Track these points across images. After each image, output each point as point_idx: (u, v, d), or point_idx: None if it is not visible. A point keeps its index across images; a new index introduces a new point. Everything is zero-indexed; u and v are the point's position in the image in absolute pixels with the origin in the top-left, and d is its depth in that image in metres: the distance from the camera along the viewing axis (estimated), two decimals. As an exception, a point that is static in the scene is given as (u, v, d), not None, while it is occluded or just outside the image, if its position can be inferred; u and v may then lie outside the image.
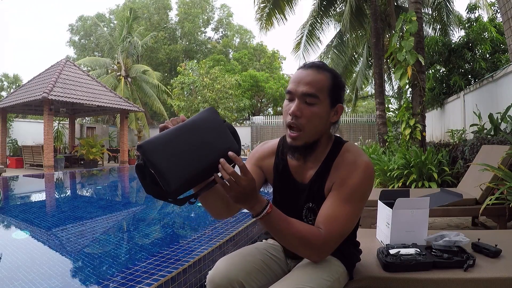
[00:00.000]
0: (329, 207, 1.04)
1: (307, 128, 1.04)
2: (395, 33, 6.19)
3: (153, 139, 0.90)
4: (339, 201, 1.03)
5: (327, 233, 1.00)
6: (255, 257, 1.15)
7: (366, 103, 31.16)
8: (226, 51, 31.12)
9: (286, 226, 0.98)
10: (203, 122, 0.94)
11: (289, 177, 1.19)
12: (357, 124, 18.97)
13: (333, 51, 12.03)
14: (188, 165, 0.88)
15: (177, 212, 4.09)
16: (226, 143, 0.93)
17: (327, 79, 1.05)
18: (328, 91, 1.05)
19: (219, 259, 1.14)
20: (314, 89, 1.03)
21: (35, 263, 2.07)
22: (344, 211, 1.02)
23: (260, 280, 1.11)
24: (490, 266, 1.33)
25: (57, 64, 13.18)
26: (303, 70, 1.07)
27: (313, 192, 1.13)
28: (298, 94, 1.04)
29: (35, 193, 5.99)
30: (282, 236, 1.00)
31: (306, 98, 1.03)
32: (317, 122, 1.05)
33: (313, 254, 1.03)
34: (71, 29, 30.63)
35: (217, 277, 1.05)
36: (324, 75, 1.05)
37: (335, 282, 1.09)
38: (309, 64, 1.08)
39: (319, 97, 1.03)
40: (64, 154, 13.33)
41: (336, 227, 1.01)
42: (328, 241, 1.00)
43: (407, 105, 5.85)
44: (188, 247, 1.94)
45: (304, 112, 1.03)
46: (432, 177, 4.63)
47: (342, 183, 1.05)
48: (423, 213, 1.57)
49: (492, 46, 8.39)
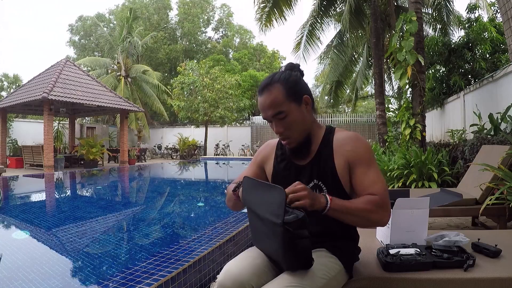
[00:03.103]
0: (364, 177, 1.17)
1: (293, 134, 1.20)
2: (395, 33, 6.19)
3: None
4: (365, 169, 1.17)
5: (379, 192, 1.13)
6: (263, 259, 1.15)
7: (366, 103, 31.15)
8: (226, 51, 31.13)
9: (350, 204, 1.09)
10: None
11: (290, 162, 1.28)
12: (357, 124, 18.98)
13: (333, 51, 12.02)
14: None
15: (177, 212, 4.09)
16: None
17: (280, 91, 1.16)
18: (286, 98, 1.16)
19: (228, 263, 1.13)
20: (276, 108, 1.16)
21: (35, 263, 2.07)
22: (374, 172, 1.17)
23: (268, 281, 1.10)
24: (490, 266, 1.33)
25: (57, 64, 13.18)
26: (260, 97, 1.20)
27: (317, 170, 1.22)
28: (269, 119, 1.19)
29: (35, 193, 5.99)
30: (352, 214, 1.08)
31: (277, 117, 1.17)
32: (296, 125, 1.19)
33: (384, 215, 1.12)
34: (71, 29, 30.64)
35: (229, 281, 1.05)
36: (276, 89, 1.16)
37: (332, 280, 1.09)
38: (261, 88, 1.20)
39: (284, 109, 1.16)
40: (64, 154, 13.32)
41: (380, 185, 1.15)
42: (384, 198, 1.13)
43: (407, 105, 5.84)
44: (188, 247, 1.94)
45: (283, 126, 1.19)
46: (432, 177, 4.63)
47: (355, 156, 1.18)
48: (423, 213, 1.57)
49: (492, 46, 8.38)
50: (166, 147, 20.56)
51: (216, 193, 5.87)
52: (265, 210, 1.04)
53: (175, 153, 19.44)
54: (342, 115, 20.17)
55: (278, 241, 1.00)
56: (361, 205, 1.09)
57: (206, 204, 4.71)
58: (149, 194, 5.61)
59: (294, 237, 0.98)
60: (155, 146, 21.50)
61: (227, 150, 19.64)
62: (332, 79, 13.20)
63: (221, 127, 19.54)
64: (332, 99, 13.93)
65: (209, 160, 13.86)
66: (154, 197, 5.36)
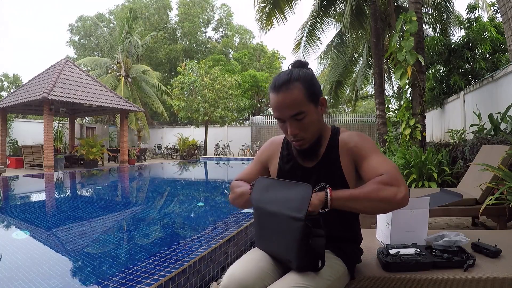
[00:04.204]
0: (369, 165, 1.11)
1: (307, 136, 1.16)
2: (395, 33, 6.19)
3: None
4: (369, 158, 1.13)
5: (386, 171, 1.05)
6: (267, 262, 1.13)
7: (366, 103, 31.16)
8: (226, 51, 31.12)
9: (354, 191, 1.04)
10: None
11: (296, 164, 1.26)
12: (357, 124, 18.98)
13: (333, 51, 12.03)
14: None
15: (177, 212, 4.09)
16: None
17: (300, 91, 1.11)
18: (307, 98, 1.12)
19: (231, 266, 1.12)
20: (297, 108, 1.11)
21: (35, 263, 2.07)
22: (379, 157, 1.12)
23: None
24: (490, 266, 1.32)
25: (57, 64, 13.18)
26: (277, 95, 1.12)
27: (324, 172, 1.21)
28: (287, 117, 1.13)
29: (35, 193, 5.99)
30: (359, 199, 1.03)
31: (295, 117, 1.13)
32: (312, 127, 1.16)
33: (396, 191, 1.01)
34: (71, 29, 30.64)
35: (233, 285, 1.03)
36: (297, 88, 1.10)
37: (336, 282, 1.09)
38: (278, 85, 1.12)
39: (304, 110, 1.12)
40: (64, 154, 13.31)
41: (386, 165, 1.08)
42: (392, 174, 1.04)
43: (407, 105, 5.84)
44: (188, 247, 1.94)
45: (299, 127, 1.14)
46: (432, 177, 4.63)
47: (358, 149, 1.16)
48: (423, 213, 1.57)
49: (492, 46, 8.38)
50: (166, 147, 20.56)
51: (216, 193, 5.87)
52: (281, 206, 1.05)
53: (175, 153, 19.44)
54: (342, 115, 20.17)
55: (293, 238, 1.00)
56: (367, 187, 1.04)
57: (206, 204, 4.71)
58: (149, 194, 5.61)
59: (311, 234, 0.99)
60: (155, 146, 21.50)
61: (227, 150, 19.64)
62: (332, 79, 13.20)
63: (221, 127, 19.54)
64: (332, 99, 13.93)
65: (209, 160, 13.86)
66: (154, 197, 5.36)
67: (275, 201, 1.08)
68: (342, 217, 1.22)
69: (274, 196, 1.09)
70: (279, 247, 1.09)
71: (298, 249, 1.01)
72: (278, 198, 1.07)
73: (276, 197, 1.08)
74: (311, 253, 1.01)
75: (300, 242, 0.99)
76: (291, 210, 1.01)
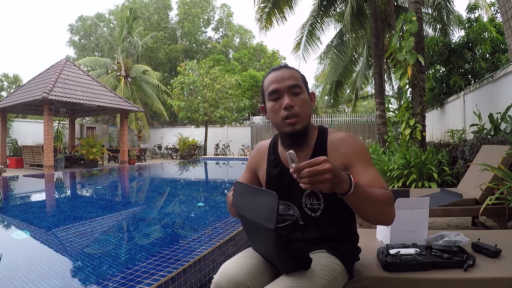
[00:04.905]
0: (366, 174, 1.11)
1: (302, 114, 1.17)
2: (395, 33, 6.19)
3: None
4: (365, 167, 1.13)
5: (385, 188, 1.09)
6: (258, 259, 1.15)
7: (366, 103, 31.17)
8: (226, 51, 31.13)
9: (371, 191, 1.01)
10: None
11: (284, 169, 1.25)
12: (357, 124, 18.98)
13: (333, 51, 12.02)
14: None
15: (177, 212, 4.09)
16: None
17: (298, 73, 1.23)
18: (303, 81, 1.22)
19: (224, 263, 1.13)
20: (296, 80, 1.19)
21: (35, 263, 2.07)
22: (373, 170, 1.14)
23: (265, 282, 1.10)
24: (490, 266, 1.33)
25: (57, 64, 13.18)
26: (277, 71, 1.21)
27: None
28: (285, 89, 1.17)
29: (35, 193, 5.99)
30: (371, 201, 1.00)
31: (293, 90, 1.17)
32: (307, 107, 1.19)
33: (392, 211, 1.06)
34: (71, 29, 30.66)
35: (224, 281, 1.04)
36: (295, 71, 1.23)
37: (333, 281, 1.09)
38: (279, 66, 1.25)
39: (301, 86, 1.19)
40: (64, 154, 13.32)
41: (383, 182, 1.11)
42: (391, 194, 1.07)
43: (407, 105, 5.84)
44: (188, 247, 1.94)
45: (296, 102, 1.17)
46: (432, 177, 4.63)
47: (351, 156, 1.16)
48: (423, 213, 1.57)
49: (492, 46, 8.38)
50: (166, 147, 20.57)
51: (216, 193, 5.87)
52: (257, 215, 1.02)
53: (175, 153, 19.44)
54: (342, 115, 20.17)
55: (272, 246, 0.99)
56: (380, 195, 1.02)
57: (206, 204, 4.71)
58: (149, 194, 5.61)
59: (288, 241, 0.96)
60: (155, 146, 21.50)
61: (227, 150, 19.65)
62: (332, 79, 13.20)
63: (221, 127, 19.54)
64: (332, 99, 13.94)
65: (209, 160, 13.85)
66: (154, 197, 5.36)
67: (251, 208, 1.06)
68: (333, 220, 1.22)
69: (250, 203, 1.07)
70: (265, 251, 1.11)
71: (278, 256, 1.01)
72: (253, 205, 1.05)
73: (251, 204, 1.06)
74: (293, 258, 1.00)
75: (278, 250, 0.98)
76: (263, 220, 0.98)
